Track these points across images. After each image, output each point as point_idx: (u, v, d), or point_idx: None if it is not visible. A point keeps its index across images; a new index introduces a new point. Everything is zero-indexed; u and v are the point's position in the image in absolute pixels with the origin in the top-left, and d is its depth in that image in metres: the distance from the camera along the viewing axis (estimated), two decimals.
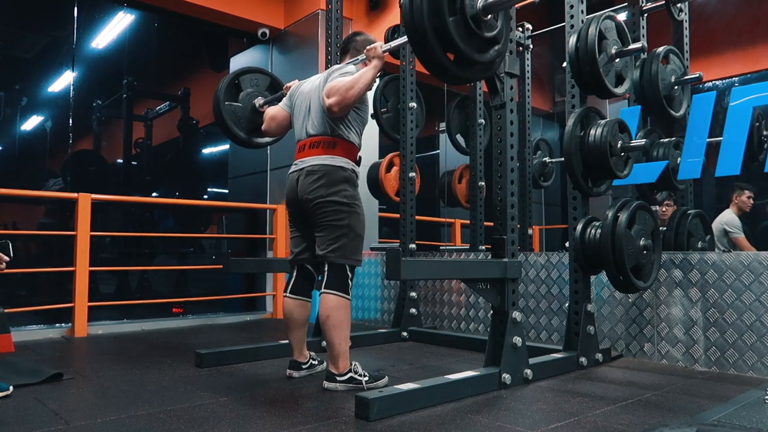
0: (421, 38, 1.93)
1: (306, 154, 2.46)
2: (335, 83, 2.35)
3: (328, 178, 2.37)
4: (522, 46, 4.64)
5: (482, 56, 2.05)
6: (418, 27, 1.91)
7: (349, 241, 2.39)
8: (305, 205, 2.43)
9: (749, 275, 2.66)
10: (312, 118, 2.47)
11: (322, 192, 2.37)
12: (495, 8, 2.04)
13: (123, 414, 1.97)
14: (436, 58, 1.96)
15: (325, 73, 2.55)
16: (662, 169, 3.21)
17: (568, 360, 2.73)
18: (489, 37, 2.05)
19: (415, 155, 3.90)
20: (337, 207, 2.37)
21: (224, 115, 3.05)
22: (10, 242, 2.36)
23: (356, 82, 2.32)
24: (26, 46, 4.98)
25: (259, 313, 5.11)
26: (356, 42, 2.64)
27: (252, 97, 3.12)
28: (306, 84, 2.61)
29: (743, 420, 1.77)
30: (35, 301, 4.50)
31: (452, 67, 2.02)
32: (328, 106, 2.33)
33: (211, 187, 6.19)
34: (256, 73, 3.17)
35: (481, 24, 2.02)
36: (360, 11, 5.39)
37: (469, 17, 1.98)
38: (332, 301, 2.33)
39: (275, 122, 2.66)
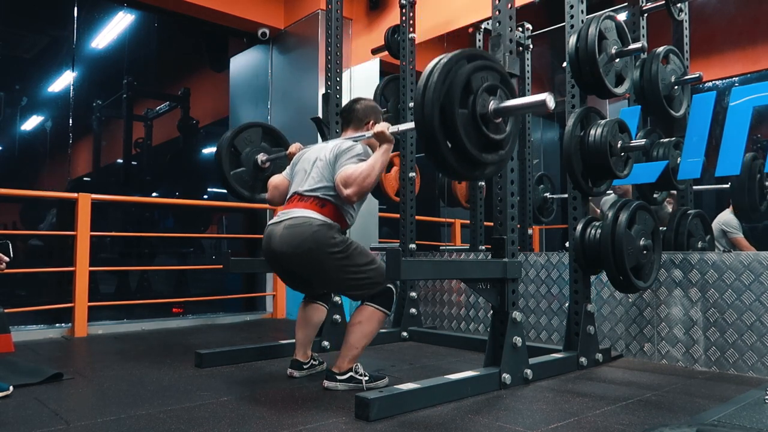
0: (431, 134, 1.89)
1: (292, 206, 2.39)
2: (351, 172, 2.27)
3: (311, 228, 2.27)
4: (522, 46, 4.64)
5: (485, 156, 2.00)
6: (428, 121, 1.88)
7: (367, 275, 2.33)
8: (285, 259, 2.33)
9: (749, 275, 2.66)
10: (309, 180, 2.42)
11: (310, 245, 2.25)
12: (506, 113, 2.01)
13: (123, 414, 1.97)
14: (443, 156, 1.92)
15: (331, 145, 2.46)
16: (662, 169, 3.21)
17: (568, 360, 2.73)
18: (495, 140, 2.01)
19: (415, 155, 3.90)
20: (334, 261, 2.27)
21: (233, 184, 3.08)
22: (9, 242, 2.36)
23: (372, 171, 2.27)
24: (26, 46, 4.97)
25: (259, 313, 5.11)
26: (357, 111, 2.61)
27: (253, 154, 3.12)
28: (310, 152, 2.55)
29: (743, 420, 1.77)
30: (35, 301, 4.50)
31: (459, 166, 1.98)
32: (346, 196, 2.27)
33: (211, 187, 6.19)
34: (246, 131, 3.14)
35: (490, 125, 1.99)
36: (360, 11, 5.38)
37: (479, 115, 1.95)
38: (369, 311, 2.34)
39: (278, 192, 2.63)
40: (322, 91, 3.74)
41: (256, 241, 5.46)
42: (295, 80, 5.45)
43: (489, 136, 1.99)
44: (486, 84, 1.99)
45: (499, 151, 2.08)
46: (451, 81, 1.92)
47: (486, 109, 1.98)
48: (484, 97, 1.99)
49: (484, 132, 1.97)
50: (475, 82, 1.98)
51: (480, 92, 1.97)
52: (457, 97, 1.91)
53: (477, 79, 1.99)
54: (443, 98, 1.90)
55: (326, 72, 3.60)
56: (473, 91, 1.96)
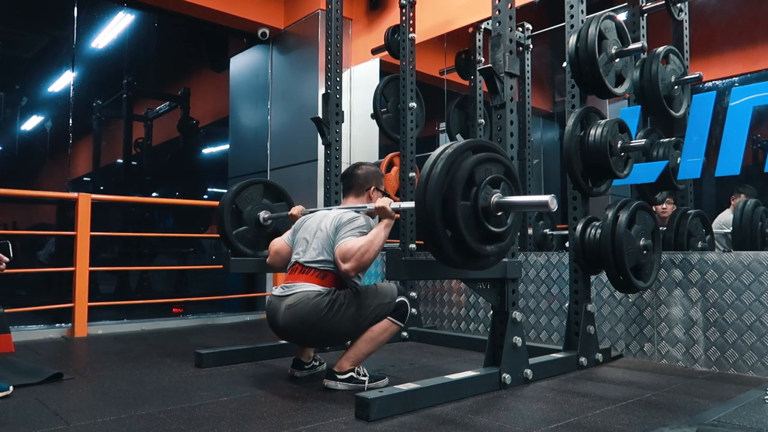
0: (429, 218, 1.88)
1: (293, 279, 2.39)
2: (349, 247, 2.25)
3: (309, 303, 2.26)
4: (522, 46, 4.64)
5: (484, 248, 1.99)
6: (429, 213, 1.88)
7: (378, 303, 2.32)
8: (295, 332, 2.35)
9: (749, 275, 2.66)
10: (309, 251, 2.41)
11: (312, 319, 2.25)
12: (508, 208, 2.00)
13: (123, 414, 1.97)
14: (438, 239, 1.91)
15: (332, 215, 2.45)
16: (662, 169, 3.21)
17: (568, 360, 2.73)
18: (496, 233, 2.00)
19: (415, 155, 3.90)
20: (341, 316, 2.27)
21: (235, 243, 3.08)
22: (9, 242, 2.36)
23: (371, 246, 2.24)
24: (26, 46, 4.97)
25: (259, 313, 5.11)
26: (358, 177, 2.59)
27: (254, 212, 3.13)
28: (311, 220, 2.54)
29: (743, 420, 1.77)
30: (35, 301, 4.50)
31: (459, 258, 1.97)
32: (344, 271, 2.26)
33: (211, 187, 6.19)
34: (247, 189, 3.14)
35: (491, 218, 1.98)
36: (360, 11, 5.39)
37: (481, 208, 1.94)
38: (385, 323, 2.33)
39: (279, 257, 2.62)
40: (322, 91, 3.75)
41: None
42: (295, 80, 5.45)
43: (490, 229, 1.97)
44: (490, 177, 1.98)
45: (499, 243, 2.06)
46: (455, 172, 1.91)
47: (488, 203, 1.96)
48: (487, 190, 1.97)
49: (484, 225, 1.96)
50: (479, 174, 1.96)
51: (483, 185, 1.95)
52: (460, 189, 1.90)
53: (481, 171, 1.97)
54: (446, 190, 1.89)
55: (326, 72, 3.60)
56: (476, 184, 1.95)
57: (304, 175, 5.11)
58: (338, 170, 3.63)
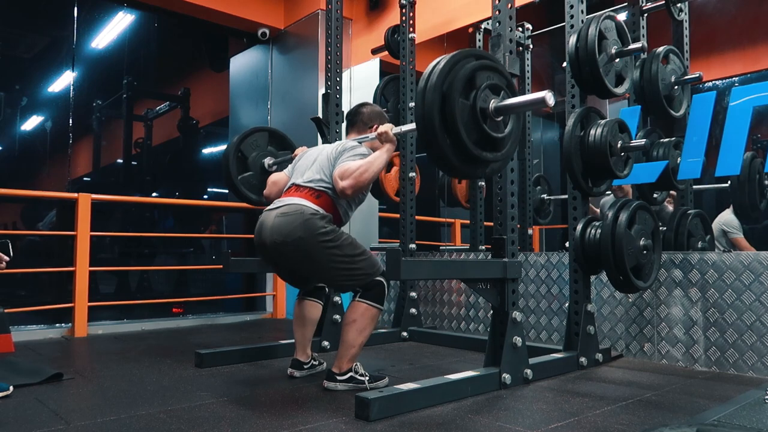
0: (430, 128, 1.88)
1: (287, 195, 2.41)
2: (348, 166, 2.30)
3: (302, 217, 2.26)
4: (522, 46, 4.64)
5: (483, 154, 1.99)
6: (428, 114, 1.88)
7: (358, 266, 2.33)
8: (276, 250, 2.31)
9: (749, 275, 2.66)
10: (307, 173, 2.43)
11: (299, 233, 2.24)
12: (507, 111, 2.00)
13: (123, 414, 1.97)
14: (442, 150, 1.91)
15: (334, 145, 2.49)
16: (662, 169, 3.21)
17: (568, 360, 2.73)
18: (495, 137, 2.00)
19: (415, 155, 3.90)
20: (324, 251, 2.26)
21: (240, 188, 3.10)
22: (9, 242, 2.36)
23: (370, 166, 2.28)
24: (26, 46, 4.97)
25: (259, 313, 5.11)
26: (363, 115, 2.62)
27: (259, 158, 3.15)
28: (311, 150, 2.58)
29: (743, 420, 1.77)
30: (35, 301, 4.50)
31: (458, 162, 1.96)
32: (341, 189, 2.28)
33: (211, 187, 6.18)
34: (252, 135, 3.17)
35: (490, 121, 1.98)
36: (360, 11, 5.38)
37: (479, 109, 1.94)
38: (362, 308, 2.32)
39: (276, 187, 2.62)
40: (322, 91, 3.75)
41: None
42: (295, 80, 5.45)
43: (488, 132, 1.98)
44: (490, 82, 1.99)
45: (499, 150, 2.07)
46: (457, 72, 1.92)
47: (487, 105, 1.98)
48: (487, 93, 1.98)
49: (483, 128, 1.97)
50: (479, 79, 1.98)
51: (483, 88, 1.97)
52: (460, 87, 1.91)
53: (482, 76, 1.99)
54: (446, 85, 1.90)
55: (326, 72, 3.60)
56: (476, 87, 1.97)
57: None
58: None
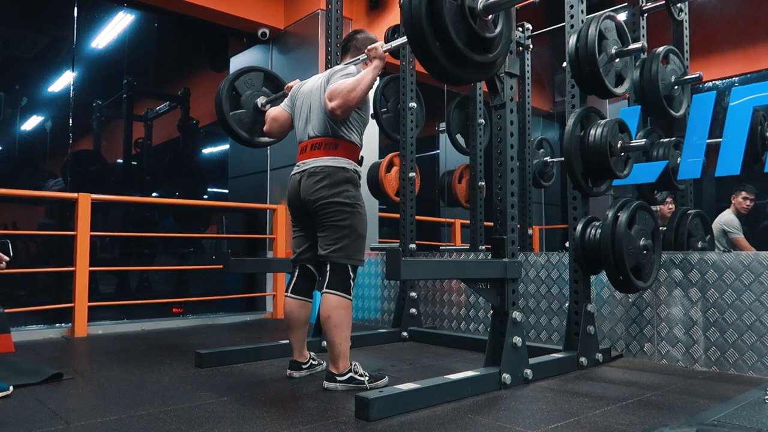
0: (418, 29, 1.88)
1: (308, 156, 2.46)
2: (337, 86, 2.35)
3: (330, 179, 2.38)
4: (522, 46, 4.63)
5: (473, 55, 1.99)
6: (416, 16, 1.87)
7: (351, 242, 2.40)
8: (308, 207, 2.43)
9: (749, 275, 2.66)
10: (313, 119, 2.47)
11: (324, 193, 2.37)
12: (496, 8, 2.01)
13: (123, 414, 1.97)
14: (431, 52, 1.91)
15: (326, 73, 2.54)
16: (662, 169, 3.21)
17: (568, 360, 2.73)
18: (484, 37, 2.00)
19: (415, 155, 3.90)
20: (339, 207, 2.37)
21: (231, 125, 3.09)
22: (9, 242, 2.36)
23: (358, 84, 2.32)
24: (26, 46, 4.97)
25: (259, 313, 5.11)
26: (357, 40, 2.64)
27: (253, 98, 3.15)
28: (307, 84, 2.61)
29: (743, 420, 1.77)
30: (35, 301, 4.50)
31: (448, 64, 1.96)
32: (330, 109, 2.33)
33: (211, 187, 6.19)
34: (248, 74, 3.18)
35: (479, 20, 1.98)
36: (360, 11, 5.39)
37: (467, 8, 1.93)
38: (333, 301, 2.33)
39: (277, 123, 2.66)
40: None
41: (256, 241, 5.46)
42: None
43: (478, 32, 1.96)
44: None
45: (490, 51, 2.04)
46: None
47: (475, 4, 1.96)
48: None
49: (472, 27, 1.95)
50: None
51: None
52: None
53: None
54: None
55: None
56: None
57: None
58: None
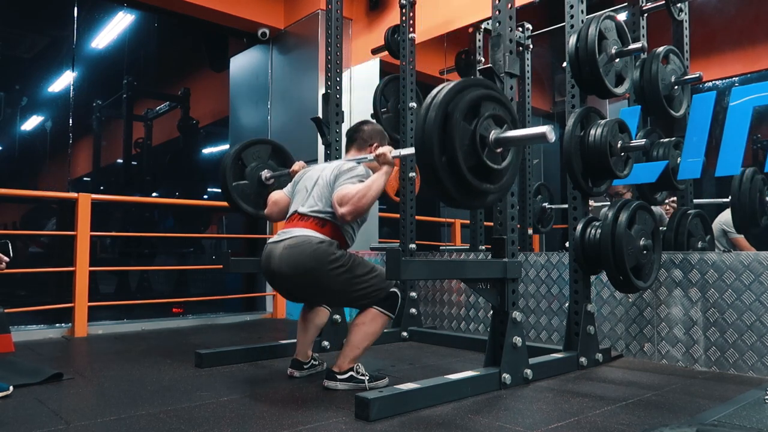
0: (428, 145, 1.87)
1: (292, 225, 2.39)
2: (347, 191, 2.28)
3: (310, 248, 2.26)
4: (522, 46, 4.64)
5: (480, 184, 1.98)
6: (428, 131, 1.87)
7: (371, 284, 2.33)
8: (286, 279, 2.33)
9: (749, 275, 2.66)
10: (311, 198, 2.42)
11: (310, 264, 2.24)
12: (507, 143, 2.00)
13: (123, 414, 1.97)
14: (436, 168, 1.89)
15: (333, 165, 2.47)
16: (662, 169, 3.21)
17: (568, 360, 2.73)
18: (492, 168, 1.99)
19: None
20: (336, 276, 2.26)
21: (233, 195, 3.07)
22: (9, 242, 2.36)
23: (368, 191, 2.27)
24: (26, 46, 4.97)
25: (259, 313, 5.11)
26: (363, 132, 2.61)
27: (257, 170, 3.14)
28: (312, 171, 2.55)
29: (743, 420, 1.77)
30: (35, 301, 4.50)
31: (450, 184, 1.94)
32: (341, 215, 2.28)
33: (211, 187, 6.19)
34: (256, 146, 3.17)
35: (489, 151, 1.98)
36: (360, 11, 5.38)
37: (479, 136, 1.94)
38: (373, 313, 2.33)
39: (277, 207, 2.63)
40: (322, 91, 3.74)
41: (256, 241, 5.46)
42: (295, 80, 5.45)
43: (486, 162, 1.97)
44: (494, 112, 1.99)
45: (495, 182, 2.05)
46: (463, 96, 1.92)
47: (488, 134, 1.97)
48: (489, 123, 1.98)
49: (481, 156, 1.95)
50: (484, 108, 1.97)
51: (486, 116, 1.96)
52: (464, 110, 1.90)
53: (487, 106, 1.98)
54: (450, 106, 1.89)
55: (326, 72, 3.60)
56: (480, 115, 1.96)
57: None
58: None
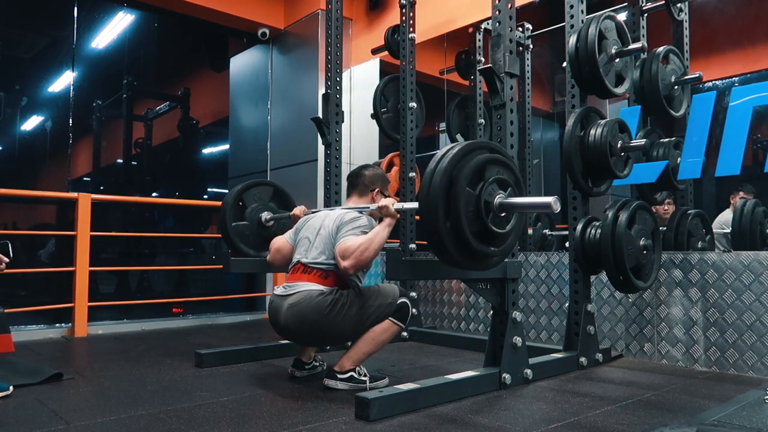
0: (433, 208, 1.88)
1: (296, 279, 2.39)
2: (350, 244, 2.25)
3: (311, 302, 2.26)
4: (522, 46, 4.64)
5: (481, 246, 1.98)
6: (433, 194, 1.88)
7: (375, 306, 2.32)
8: (294, 330, 2.34)
9: (749, 275, 2.66)
10: (313, 249, 2.41)
11: (313, 317, 2.26)
12: (511, 209, 2.01)
13: (123, 414, 1.97)
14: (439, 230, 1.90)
15: (334, 215, 2.45)
16: (662, 169, 3.21)
17: (568, 360, 2.73)
18: (495, 232, 1.99)
19: (415, 155, 3.90)
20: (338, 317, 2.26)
21: (232, 236, 3.06)
22: (9, 242, 2.36)
23: (371, 244, 2.24)
24: (26, 46, 4.98)
25: (259, 313, 5.11)
26: (365, 177, 2.59)
27: (257, 212, 3.13)
28: (314, 220, 2.54)
29: (743, 420, 1.77)
30: (35, 301, 4.50)
31: (452, 247, 1.94)
32: (343, 268, 2.26)
33: (211, 187, 6.19)
34: (258, 187, 3.17)
35: (493, 215, 1.98)
36: (360, 11, 5.38)
37: (483, 201, 1.94)
38: (387, 324, 2.33)
39: (280, 255, 2.61)
40: (322, 91, 3.75)
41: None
42: (295, 80, 5.45)
43: (490, 227, 1.97)
44: (499, 177, 1.99)
45: (498, 246, 2.05)
46: (468, 161, 1.93)
47: (492, 200, 1.97)
48: (494, 187, 1.99)
49: (485, 221, 1.96)
50: (489, 172, 1.98)
51: (491, 181, 1.97)
52: (469, 175, 1.91)
53: (492, 170, 1.99)
54: (455, 171, 1.90)
55: (326, 72, 3.60)
56: (485, 179, 1.96)
57: (304, 175, 5.11)
58: (338, 170, 3.64)
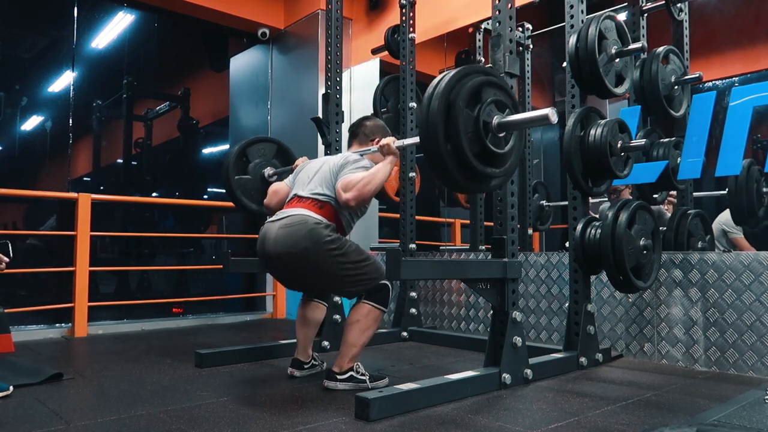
0: (433, 132, 1.89)
1: (290, 206, 2.40)
2: (351, 178, 2.30)
3: (306, 227, 2.26)
4: (522, 46, 4.63)
5: (483, 168, 1.99)
6: (432, 119, 1.89)
7: (363, 271, 2.33)
8: (280, 261, 2.33)
9: (749, 275, 2.66)
10: (311, 183, 2.43)
11: (305, 243, 2.24)
12: (510, 127, 2.02)
13: (123, 414, 1.97)
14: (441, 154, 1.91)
15: (337, 157, 2.48)
16: (662, 169, 3.21)
17: (568, 360, 2.73)
18: (495, 152, 2.00)
19: (415, 155, 3.90)
20: (330, 257, 2.25)
21: (234, 189, 3.07)
22: (9, 242, 2.36)
23: (373, 178, 2.29)
24: (26, 46, 4.97)
25: (259, 313, 5.11)
26: (365, 127, 2.62)
27: (261, 167, 3.14)
28: (314, 162, 2.58)
29: (743, 420, 1.77)
30: (35, 301, 4.50)
31: (455, 170, 1.95)
32: (344, 200, 2.28)
33: (211, 187, 6.18)
34: (262, 143, 3.18)
35: (492, 136, 1.99)
36: (360, 11, 5.38)
37: (482, 122, 1.95)
38: (366, 309, 2.33)
39: (277, 197, 2.61)
40: (322, 91, 3.74)
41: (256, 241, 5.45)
42: (295, 80, 5.45)
43: (490, 147, 1.98)
44: (495, 98, 2.00)
45: (499, 166, 2.06)
46: (464, 84, 1.94)
47: (490, 119, 1.99)
48: (491, 108, 2.00)
49: (485, 142, 1.97)
50: (486, 94, 1.99)
51: (488, 102, 1.98)
52: (466, 97, 1.92)
53: (488, 92, 2.01)
54: (453, 94, 1.91)
55: (326, 72, 3.60)
56: (482, 101, 1.98)
57: None
58: None
